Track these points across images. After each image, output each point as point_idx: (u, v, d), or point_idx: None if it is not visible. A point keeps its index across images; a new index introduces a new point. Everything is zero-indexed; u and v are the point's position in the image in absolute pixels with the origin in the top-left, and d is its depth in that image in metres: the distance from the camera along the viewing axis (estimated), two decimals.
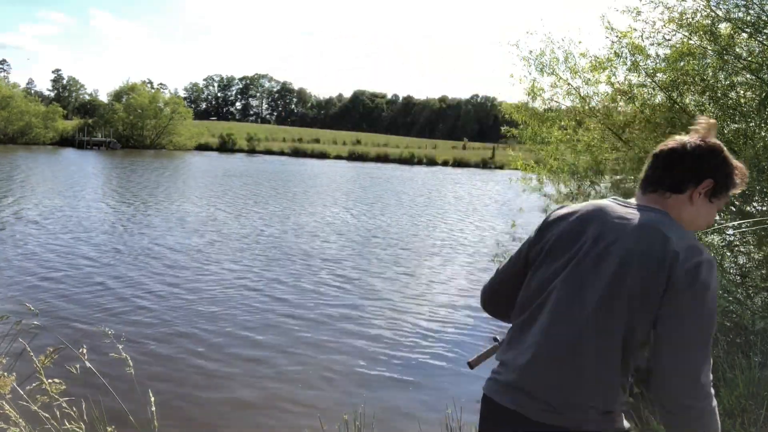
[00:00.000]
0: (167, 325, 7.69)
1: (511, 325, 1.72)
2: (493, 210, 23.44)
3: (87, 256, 11.24)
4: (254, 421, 5.41)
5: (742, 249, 6.72)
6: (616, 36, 7.44)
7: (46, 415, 2.67)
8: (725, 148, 1.57)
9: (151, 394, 2.55)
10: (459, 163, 60.81)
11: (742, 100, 6.81)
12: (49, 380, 2.65)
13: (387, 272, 11.48)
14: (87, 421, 2.88)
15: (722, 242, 6.91)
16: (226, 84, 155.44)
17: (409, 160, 60.44)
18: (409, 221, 18.77)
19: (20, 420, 2.65)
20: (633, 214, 1.56)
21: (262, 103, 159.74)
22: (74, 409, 2.76)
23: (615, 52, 7.52)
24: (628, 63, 7.43)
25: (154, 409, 2.48)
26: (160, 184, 26.12)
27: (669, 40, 7.14)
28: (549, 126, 8.43)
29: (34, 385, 2.49)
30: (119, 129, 59.32)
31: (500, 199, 27.72)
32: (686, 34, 6.91)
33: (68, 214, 16.20)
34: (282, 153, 63.15)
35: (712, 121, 1.61)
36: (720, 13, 6.59)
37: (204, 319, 8.03)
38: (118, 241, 12.85)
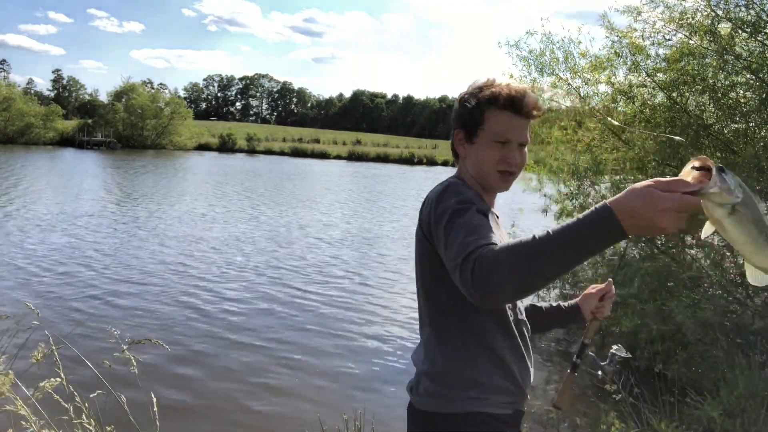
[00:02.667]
0: (166, 326, 7.69)
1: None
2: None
3: (87, 255, 11.23)
4: (254, 422, 5.41)
5: None
6: (617, 36, 7.43)
7: (64, 409, 2.67)
8: (466, 93, 1.66)
9: (153, 396, 2.55)
10: None
11: (742, 100, 6.81)
12: (48, 379, 2.64)
13: (385, 273, 11.48)
14: (86, 421, 2.87)
15: (722, 242, 6.91)
16: (226, 84, 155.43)
17: (409, 160, 60.49)
18: (408, 221, 18.77)
19: (32, 417, 2.65)
20: None
21: (262, 103, 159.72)
22: (85, 404, 2.76)
23: (615, 52, 7.51)
24: (629, 63, 7.42)
25: (156, 409, 2.48)
26: (160, 185, 26.11)
27: (669, 40, 7.14)
28: (549, 126, 8.42)
29: (39, 384, 2.49)
30: (119, 129, 59.33)
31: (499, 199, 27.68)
32: (686, 33, 6.90)
33: (69, 214, 16.19)
34: (282, 153, 63.18)
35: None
36: (720, 12, 6.58)
37: (203, 320, 8.02)
38: (118, 242, 12.84)
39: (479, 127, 1.63)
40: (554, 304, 2.01)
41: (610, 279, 2.00)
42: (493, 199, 1.78)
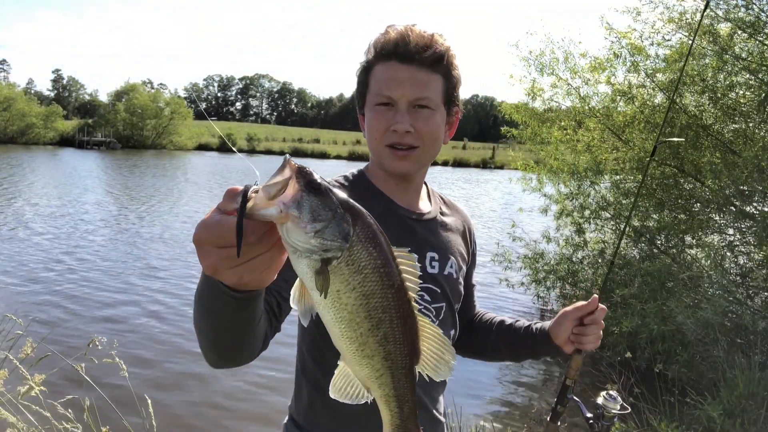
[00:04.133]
0: (165, 327, 7.69)
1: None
2: (493, 210, 23.43)
3: (84, 258, 11.23)
4: (252, 424, 5.41)
5: (742, 249, 6.73)
6: (616, 36, 7.43)
7: (47, 415, 2.67)
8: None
9: (148, 398, 2.55)
10: (459, 163, 60.82)
11: (742, 101, 6.81)
12: (33, 379, 2.64)
13: None
14: (82, 423, 2.87)
15: (722, 242, 6.91)
16: (226, 84, 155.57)
17: None
18: None
19: (19, 423, 2.64)
20: None
21: (262, 103, 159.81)
22: (68, 410, 2.75)
23: (615, 53, 7.51)
24: (628, 63, 7.43)
25: (151, 410, 2.48)
26: (158, 185, 26.11)
27: (669, 40, 7.15)
28: (549, 126, 8.42)
29: (25, 386, 2.48)
30: (119, 129, 59.35)
31: (500, 198, 27.72)
32: (686, 34, 6.91)
33: (66, 216, 16.18)
34: (282, 153, 63.11)
35: None
36: (720, 13, 6.59)
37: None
38: (116, 243, 12.84)
39: (367, 91, 1.25)
40: (525, 323, 1.50)
41: (595, 294, 1.40)
42: (409, 190, 1.32)
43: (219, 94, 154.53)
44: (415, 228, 1.31)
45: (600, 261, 8.17)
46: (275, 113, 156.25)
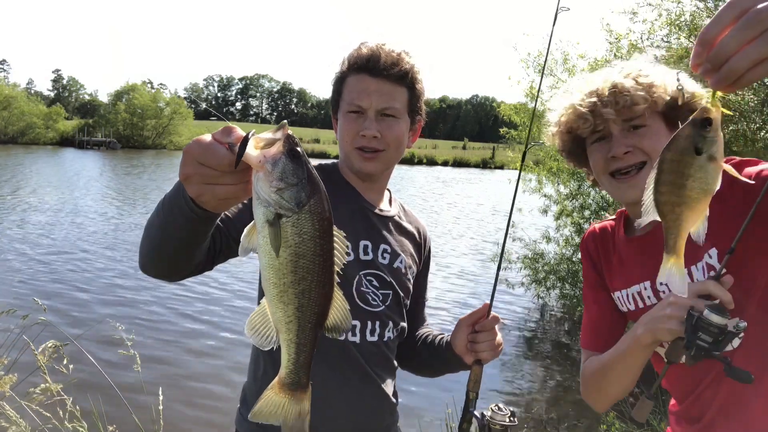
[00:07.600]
0: (172, 324, 7.71)
1: None
2: (492, 210, 23.45)
3: (91, 254, 11.25)
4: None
5: None
6: (615, 38, 7.46)
7: (48, 414, 2.69)
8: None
9: (160, 393, 2.58)
10: (459, 163, 60.89)
11: (742, 101, 6.83)
12: (51, 381, 2.66)
13: None
14: (88, 420, 2.89)
15: None
16: (226, 84, 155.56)
17: (409, 160, 60.55)
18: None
19: (21, 420, 2.67)
20: None
21: (262, 103, 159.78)
22: (77, 407, 2.78)
23: (614, 54, 7.53)
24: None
25: (161, 407, 2.50)
26: (161, 183, 26.12)
27: (668, 41, 7.16)
28: (548, 127, 8.45)
29: (39, 386, 2.51)
30: (120, 129, 59.42)
31: (499, 199, 27.73)
32: (685, 35, 6.93)
33: (73, 213, 16.21)
34: None
35: None
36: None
37: (210, 318, 8.04)
38: (121, 240, 12.86)
39: (340, 99, 1.41)
40: (438, 336, 1.59)
41: (487, 301, 1.46)
42: (374, 189, 1.47)
43: (219, 94, 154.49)
44: (374, 221, 1.45)
45: None
46: (275, 113, 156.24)
